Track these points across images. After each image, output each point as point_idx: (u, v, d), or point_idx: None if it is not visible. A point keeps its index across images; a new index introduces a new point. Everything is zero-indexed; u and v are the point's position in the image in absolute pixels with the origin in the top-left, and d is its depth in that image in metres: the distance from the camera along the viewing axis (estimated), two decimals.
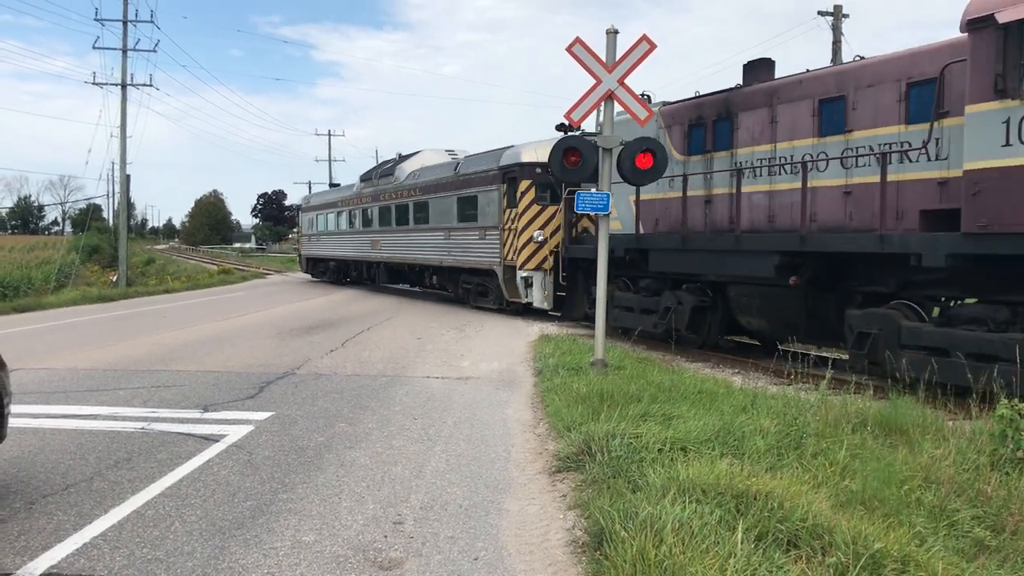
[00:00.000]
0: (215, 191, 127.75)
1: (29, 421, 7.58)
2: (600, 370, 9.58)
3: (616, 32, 9.77)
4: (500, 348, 13.46)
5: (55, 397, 8.95)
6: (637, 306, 14.29)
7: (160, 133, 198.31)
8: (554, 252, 17.43)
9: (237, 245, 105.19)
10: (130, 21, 35.62)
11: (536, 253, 17.68)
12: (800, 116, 11.15)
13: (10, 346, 12.39)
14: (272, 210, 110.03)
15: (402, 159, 27.13)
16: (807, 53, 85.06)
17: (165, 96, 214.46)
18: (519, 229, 17.91)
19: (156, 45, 47.96)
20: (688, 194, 12.97)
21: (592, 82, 9.72)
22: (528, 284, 17.89)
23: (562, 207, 16.98)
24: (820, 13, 26.93)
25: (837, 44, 26.31)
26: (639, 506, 4.46)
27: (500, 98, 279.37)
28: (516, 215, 18.05)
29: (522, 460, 6.53)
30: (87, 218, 58.50)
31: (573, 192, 16.68)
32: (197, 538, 4.74)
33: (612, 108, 9.92)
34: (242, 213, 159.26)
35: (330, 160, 66.03)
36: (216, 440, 7.02)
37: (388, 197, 26.43)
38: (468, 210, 20.61)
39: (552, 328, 15.96)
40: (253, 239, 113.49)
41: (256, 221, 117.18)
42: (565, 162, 9.86)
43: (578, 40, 9.71)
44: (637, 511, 4.37)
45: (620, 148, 9.89)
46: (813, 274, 10.84)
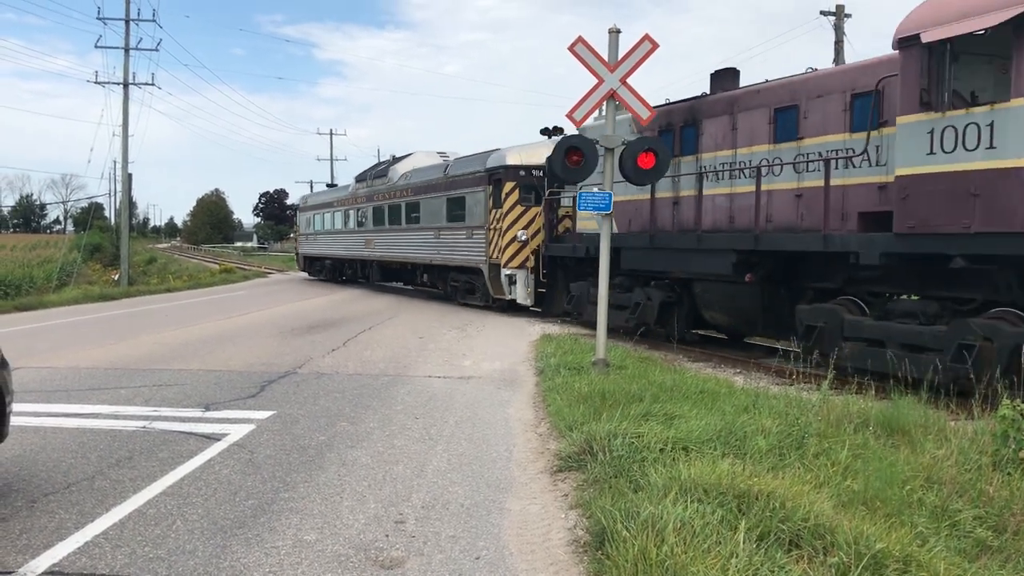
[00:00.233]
0: (217, 190, 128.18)
1: (31, 420, 7.59)
2: (602, 370, 9.58)
3: (618, 32, 9.77)
4: (502, 348, 13.46)
5: (57, 396, 8.96)
6: (612, 302, 14.79)
7: (162, 132, 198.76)
8: (536, 251, 18.23)
9: (239, 244, 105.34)
10: (132, 20, 35.69)
11: (520, 252, 18.45)
12: (758, 124, 11.85)
13: (12, 345, 12.37)
14: (274, 209, 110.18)
15: (395, 160, 27.75)
16: (810, 53, 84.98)
17: (167, 95, 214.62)
18: (504, 229, 18.60)
19: (158, 44, 47.59)
20: (657, 196, 13.73)
21: (594, 82, 9.72)
22: (512, 281, 18.63)
23: (543, 208, 17.88)
24: (823, 13, 26.95)
25: (839, 44, 26.32)
26: (641, 506, 4.46)
27: (502, 98, 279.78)
28: (501, 215, 18.75)
29: (524, 459, 6.53)
30: (89, 217, 58.69)
31: (554, 194, 17.73)
32: (199, 537, 4.74)
33: (613, 108, 9.92)
34: (244, 212, 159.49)
35: (332, 159, 66.30)
36: (218, 439, 7.03)
37: (381, 197, 27.02)
38: (456, 210, 21.25)
39: (554, 328, 16.00)
40: (255, 238, 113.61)
41: (258, 220, 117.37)
42: (567, 161, 9.85)
43: (580, 39, 9.71)
44: (639, 511, 4.37)
45: (622, 148, 9.89)
46: (768, 271, 11.60)
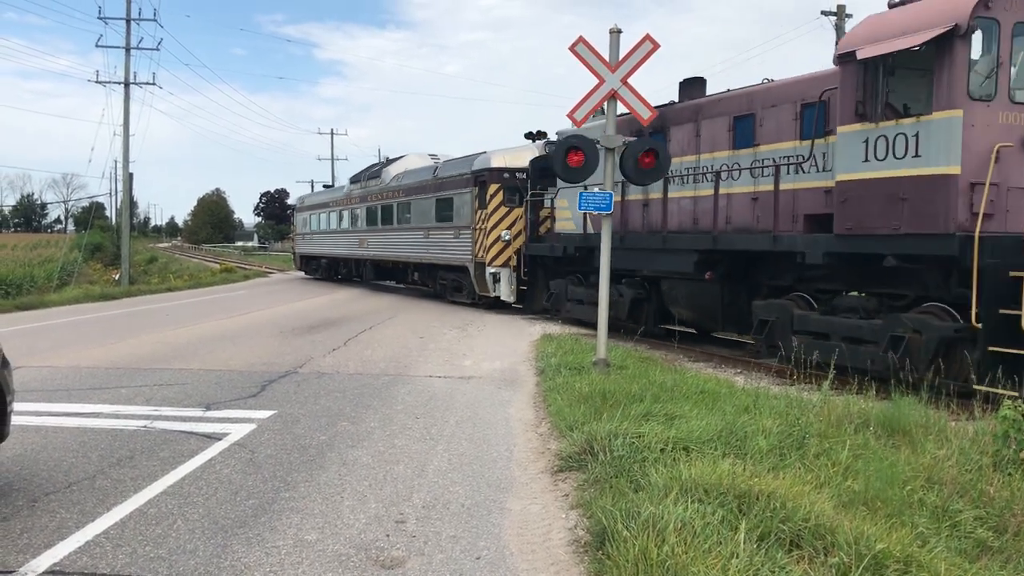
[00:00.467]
0: (218, 189, 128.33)
1: (32, 419, 7.59)
2: (602, 369, 9.58)
3: (619, 31, 9.77)
4: (502, 347, 13.46)
5: (57, 395, 8.96)
6: (587, 299, 15.53)
7: (163, 131, 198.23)
8: (519, 250, 18.91)
9: (239, 244, 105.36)
10: (133, 20, 35.67)
11: (504, 251, 19.13)
12: (719, 131, 12.54)
13: (13, 344, 12.38)
14: (275, 208, 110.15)
15: (388, 162, 28.60)
16: (810, 53, 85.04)
17: (168, 94, 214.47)
18: (488, 229, 19.24)
19: (159, 44, 47.79)
20: (628, 198, 14.48)
21: (595, 82, 9.72)
22: (496, 279, 19.31)
23: (526, 209, 18.53)
24: (823, 13, 26.96)
25: None
26: (641, 506, 4.46)
27: (503, 97, 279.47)
28: (486, 216, 19.41)
29: (524, 459, 6.53)
30: (90, 216, 58.73)
31: (537, 195, 18.34)
32: (199, 536, 4.74)
33: (614, 108, 9.92)
34: (245, 212, 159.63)
35: (332, 159, 66.59)
36: (218, 439, 7.03)
37: (374, 198, 27.76)
38: (445, 211, 21.96)
39: (554, 328, 16.01)
40: (255, 238, 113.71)
41: (258, 220, 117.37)
42: (568, 161, 9.85)
43: (581, 39, 9.71)
44: (639, 511, 4.37)
45: (623, 148, 9.89)
46: (727, 270, 12.42)
